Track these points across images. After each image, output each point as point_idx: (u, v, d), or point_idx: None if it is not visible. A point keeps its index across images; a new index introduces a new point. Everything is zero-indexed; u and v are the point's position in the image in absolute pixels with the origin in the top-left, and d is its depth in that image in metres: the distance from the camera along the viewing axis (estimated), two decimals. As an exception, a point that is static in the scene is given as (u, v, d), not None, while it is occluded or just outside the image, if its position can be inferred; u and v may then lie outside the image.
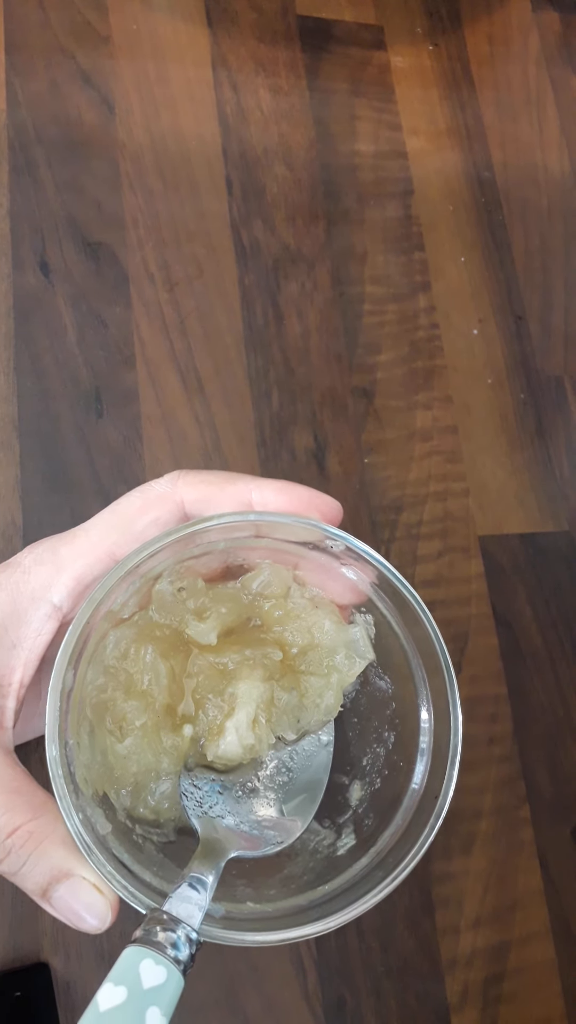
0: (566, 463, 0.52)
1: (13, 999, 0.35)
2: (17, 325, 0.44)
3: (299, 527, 0.26)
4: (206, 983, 0.38)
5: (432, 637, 0.26)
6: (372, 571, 0.27)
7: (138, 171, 0.49)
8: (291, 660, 0.28)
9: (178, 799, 0.27)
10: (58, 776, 0.23)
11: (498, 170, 0.58)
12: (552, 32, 0.62)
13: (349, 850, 0.27)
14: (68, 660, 0.24)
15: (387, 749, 0.29)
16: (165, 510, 0.27)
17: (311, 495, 0.27)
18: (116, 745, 0.26)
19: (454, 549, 0.48)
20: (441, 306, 0.53)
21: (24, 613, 0.26)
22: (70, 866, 0.24)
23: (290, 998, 0.38)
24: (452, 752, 0.26)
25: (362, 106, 0.56)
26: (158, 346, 0.46)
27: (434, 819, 0.25)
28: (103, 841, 0.24)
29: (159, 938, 0.21)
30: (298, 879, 0.27)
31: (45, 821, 0.24)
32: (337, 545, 0.27)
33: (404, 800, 0.27)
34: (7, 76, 0.48)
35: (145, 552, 0.25)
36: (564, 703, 0.47)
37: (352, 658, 0.28)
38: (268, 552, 0.28)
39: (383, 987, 0.40)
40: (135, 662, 0.26)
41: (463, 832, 0.43)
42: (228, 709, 0.27)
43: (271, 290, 0.49)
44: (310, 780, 0.29)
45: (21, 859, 0.24)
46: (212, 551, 0.28)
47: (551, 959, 0.42)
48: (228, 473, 0.27)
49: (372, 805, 0.28)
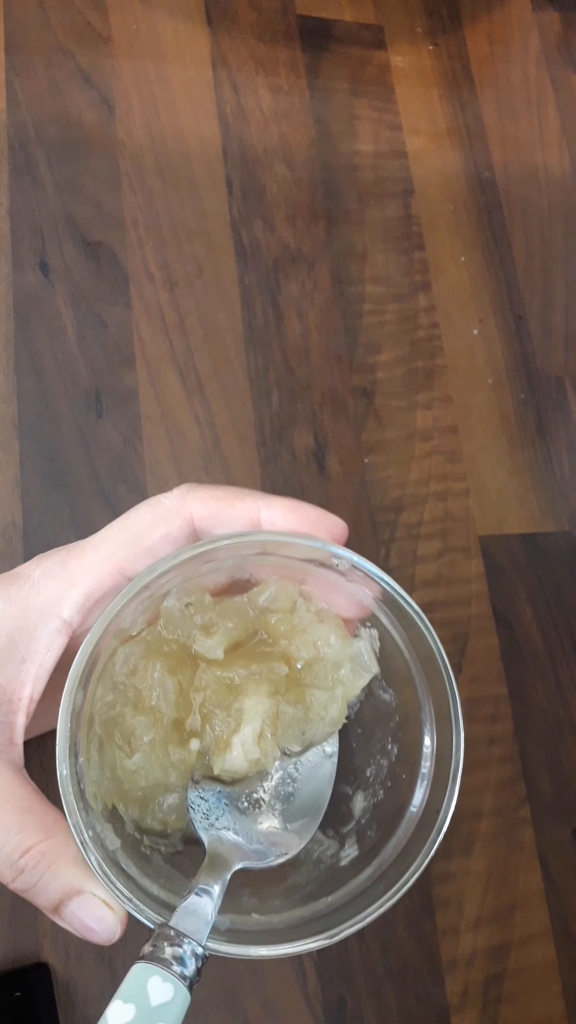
0: (566, 463, 0.52)
1: (13, 999, 0.34)
2: (17, 325, 0.44)
3: (306, 546, 0.27)
4: (206, 984, 0.38)
5: (434, 649, 0.27)
6: (376, 587, 0.27)
7: (138, 171, 0.49)
8: (297, 673, 0.28)
9: (185, 811, 0.27)
10: (69, 795, 0.24)
11: (498, 170, 0.57)
12: (552, 31, 0.62)
13: (352, 861, 0.28)
14: (79, 681, 0.24)
15: (390, 761, 0.29)
16: (175, 526, 0.27)
17: (319, 515, 0.27)
18: (125, 760, 0.26)
19: (454, 549, 0.48)
20: (441, 306, 0.53)
21: (34, 628, 0.26)
22: (81, 884, 0.24)
23: (290, 999, 0.38)
24: (454, 767, 0.26)
25: (362, 106, 0.56)
26: (158, 346, 0.46)
27: (435, 833, 0.26)
28: (112, 856, 0.25)
29: (166, 954, 0.22)
30: (302, 889, 0.27)
31: (57, 840, 0.25)
32: (342, 563, 0.27)
33: (406, 813, 0.27)
34: (7, 76, 0.48)
35: (155, 573, 0.25)
36: (564, 703, 0.47)
37: (357, 671, 0.29)
38: (274, 568, 0.29)
39: (383, 988, 0.40)
40: (143, 678, 0.26)
41: (463, 833, 0.43)
42: (235, 724, 0.27)
43: (271, 290, 0.49)
44: (314, 791, 0.29)
45: (34, 878, 0.24)
46: (219, 568, 0.28)
47: (551, 960, 0.42)
48: (237, 489, 0.28)
49: (375, 816, 0.29)
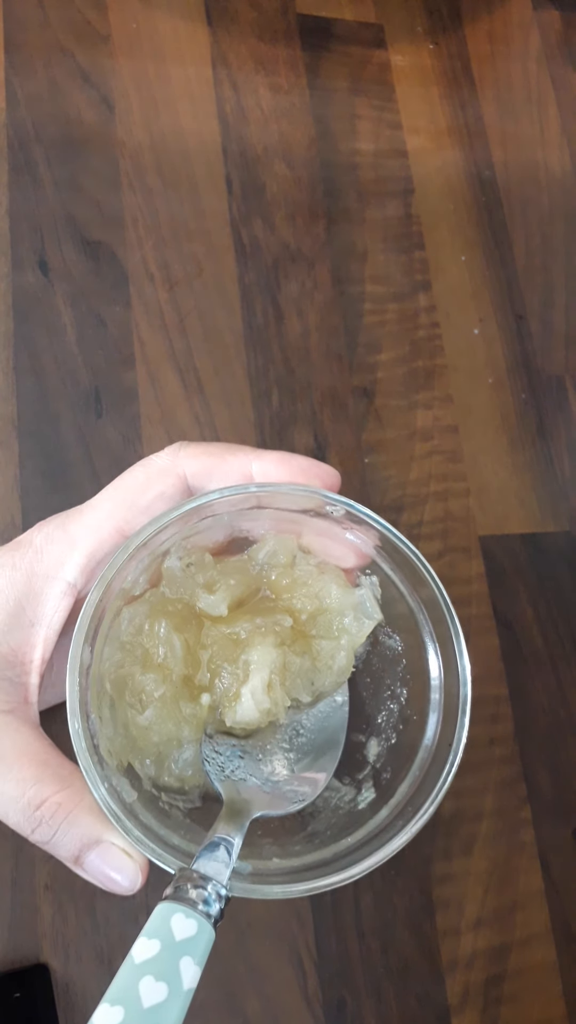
0: (567, 463, 0.52)
1: (13, 1000, 0.35)
2: (16, 324, 0.44)
3: (300, 495, 0.27)
4: (206, 984, 0.37)
5: (435, 590, 0.27)
6: (373, 533, 0.28)
7: (138, 170, 0.49)
8: (301, 626, 0.29)
9: (201, 765, 0.28)
10: (82, 749, 0.24)
11: (499, 169, 0.57)
12: (553, 30, 0.62)
13: (369, 804, 0.28)
14: (84, 637, 0.25)
15: (400, 705, 0.29)
16: (169, 483, 0.27)
17: (310, 464, 0.28)
18: (137, 717, 0.27)
19: (455, 549, 0.48)
20: (442, 305, 0.53)
21: (40, 592, 0.27)
22: (99, 833, 0.25)
23: (290, 999, 0.38)
24: (463, 701, 0.26)
25: (362, 105, 0.55)
26: (157, 345, 0.46)
27: (449, 766, 0.26)
28: (130, 808, 0.25)
29: (190, 895, 0.22)
30: (322, 835, 0.28)
31: (73, 791, 0.25)
32: (337, 510, 0.27)
33: (419, 752, 0.27)
34: (6, 75, 0.48)
35: (151, 529, 0.26)
36: (565, 704, 0.47)
37: (360, 619, 0.29)
38: (271, 522, 0.29)
39: (383, 988, 0.40)
40: (150, 637, 0.27)
41: (464, 833, 0.43)
42: (243, 676, 0.27)
43: (271, 289, 0.49)
44: (328, 740, 0.29)
45: (52, 829, 0.25)
46: (216, 524, 0.28)
47: (552, 960, 0.42)
48: (228, 444, 0.28)
49: (389, 760, 0.29)
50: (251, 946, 0.38)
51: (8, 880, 0.37)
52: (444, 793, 0.25)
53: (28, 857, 0.37)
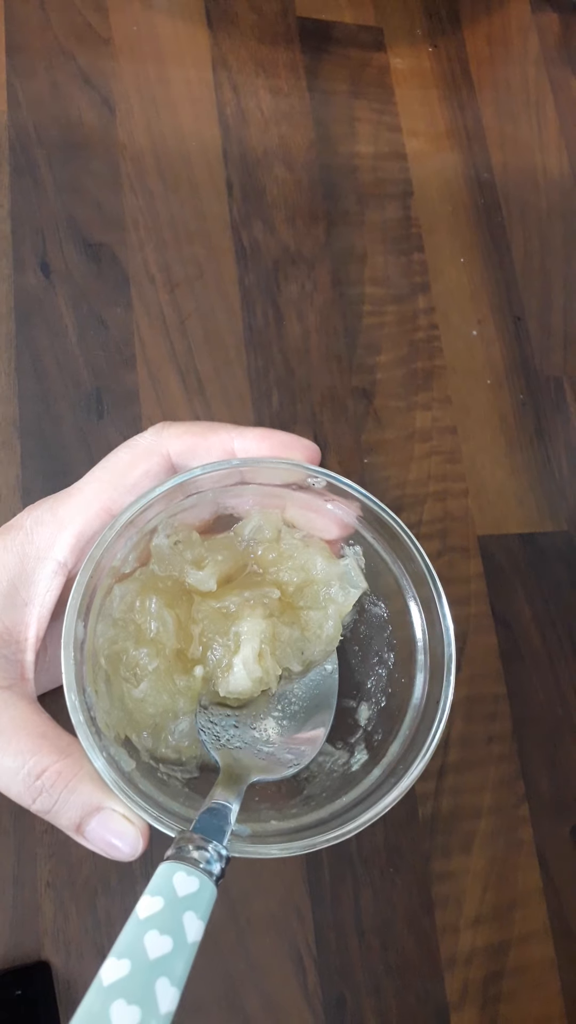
0: (565, 463, 0.52)
1: (13, 998, 0.35)
2: (18, 326, 0.44)
3: (282, 468, 0.28)
4: (206, 982, 0.38)
5: (415, 553, 0.28)
6: (355, 503, 0.28)
7: (138, 172, 0.49)
8: (289, 598, 0.30)
9: (197, 736, 0.28)
10: (79, 721, 0.24)
11: (497, 171, 0.58)
12: (551, 33, 0.62)
13: (362, 765, 0.29)
14: (77, 612, 0.25)
15: (388, 669, 0.30)
16: (153, 462, 0.28)
17: (291, 439, 0.28)
18: (132, 690, 0.27)
19: (453, 549, 0.48)
20: (440, 307, 0.53)
21: (32, 573, 0.27)
22: (100, 800, 0.25)
23: (290, 997, 0.38)
24: (448, 659, 0.27)
25: (362, 107, 0.56)
26: (158, 347, 0.46)
27: (437, 723, 0.27)
28: (129, 777, 0.25)
29: (191, 855, 0.22)
30: (317, 797, 0.28)
31: (72, 761, 0.25)
32: (319, 482, 0.28)
33: (409, 711, 0.28)
34: (8, 77, 0.48)
35: (138, 506, 0.26)
36: (563, 702, 0.47)
37: (346, 589, 0.30)
38: (256, 498, 0.30)
39: (383, 986, 0.40)
40: (142, 613, 0.27)
41: (462, 831, 0.43)
42: (234, 647, 0.28)
43: (271, 291, 0.49)
44: (320, 705, 0.30)
45: (53, 798, 0.25)
46: (201, 501, 0.29)
47: (550, 958, 0.42)
48: (210, 423, 0.29)
49: (380, 722, 0.29)
50: (251, 943, 0.39)
51: (10, 877, 0.37)
52: (434, 748, 0.26)
53: (30, 855, 0.37)
